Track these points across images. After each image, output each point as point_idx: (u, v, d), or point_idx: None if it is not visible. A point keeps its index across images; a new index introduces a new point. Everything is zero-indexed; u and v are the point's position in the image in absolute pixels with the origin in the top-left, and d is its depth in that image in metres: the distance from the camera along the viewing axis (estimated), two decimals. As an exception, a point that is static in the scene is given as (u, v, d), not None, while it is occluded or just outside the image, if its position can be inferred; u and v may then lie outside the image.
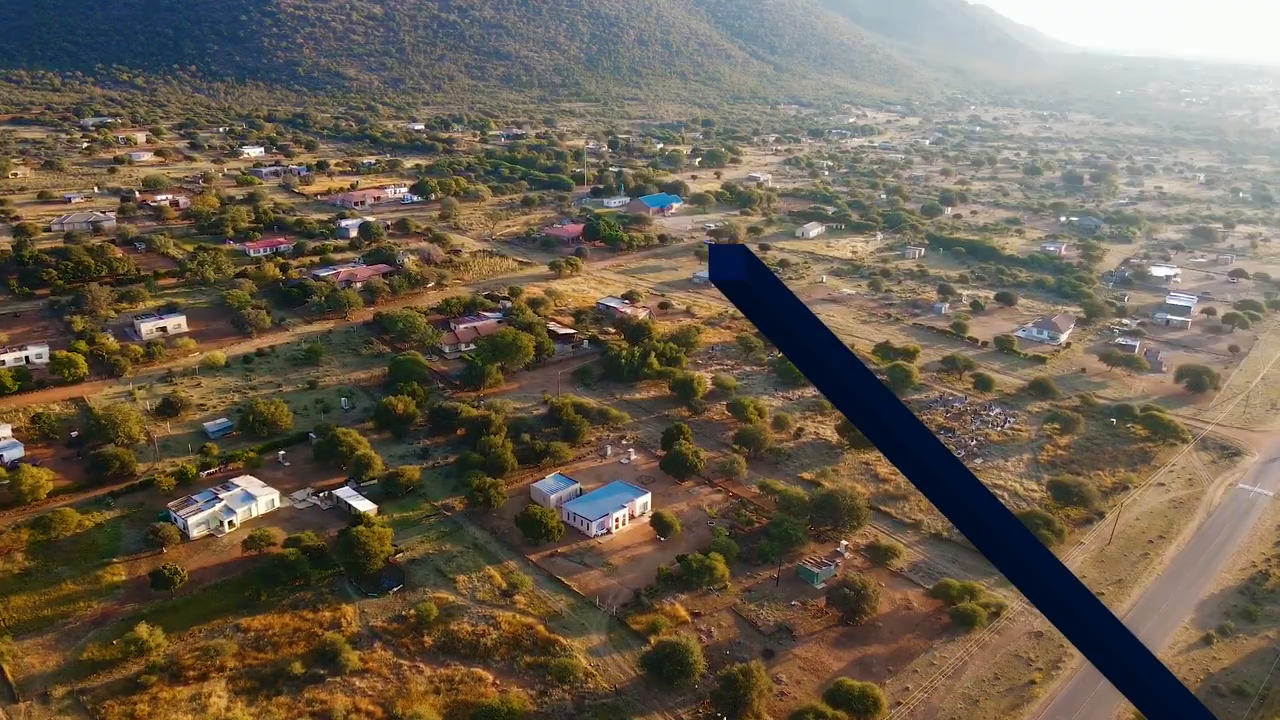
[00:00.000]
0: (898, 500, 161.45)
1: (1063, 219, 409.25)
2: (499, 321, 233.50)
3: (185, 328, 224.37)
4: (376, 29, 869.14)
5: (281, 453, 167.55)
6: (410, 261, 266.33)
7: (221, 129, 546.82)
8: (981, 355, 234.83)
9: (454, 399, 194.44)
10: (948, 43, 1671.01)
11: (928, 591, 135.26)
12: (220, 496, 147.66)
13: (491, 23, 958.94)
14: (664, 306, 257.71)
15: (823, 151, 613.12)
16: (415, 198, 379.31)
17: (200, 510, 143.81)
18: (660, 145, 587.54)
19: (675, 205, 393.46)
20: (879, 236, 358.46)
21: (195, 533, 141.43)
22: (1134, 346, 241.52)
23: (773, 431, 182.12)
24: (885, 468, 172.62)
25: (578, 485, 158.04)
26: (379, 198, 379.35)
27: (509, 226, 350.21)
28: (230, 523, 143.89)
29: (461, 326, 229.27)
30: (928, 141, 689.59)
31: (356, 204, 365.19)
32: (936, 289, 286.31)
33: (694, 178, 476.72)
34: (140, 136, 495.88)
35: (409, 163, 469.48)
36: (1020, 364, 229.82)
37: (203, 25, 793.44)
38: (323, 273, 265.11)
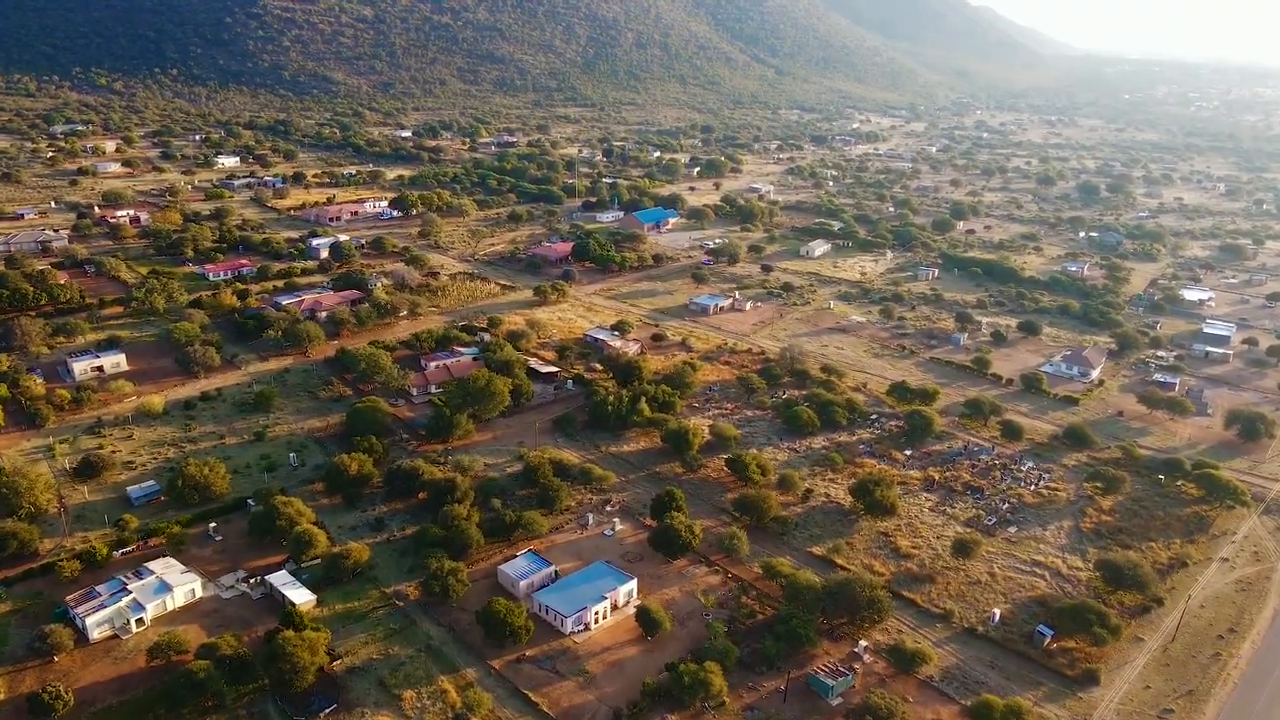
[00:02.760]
0: (923, 583, 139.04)
1: (1082, 234, 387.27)
2: (475, 358, 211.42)
3: (125, 366, 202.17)
4: (366, 31, 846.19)
5: (212, 525, 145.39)
6: (380, 289, 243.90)
7: (197, 137, 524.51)
8: (1007, 395, 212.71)
9: (419, 452, 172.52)
10: (950, 44, 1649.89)
11: (964, 709, 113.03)
12: (130, 587, 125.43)
13: (485, 25, 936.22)
14: (657, 339, 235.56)
15: (826, 160, 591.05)
16: (395, 213, 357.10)
17: (103, 606, 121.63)
18: (657, 154, 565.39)
19: (671, 220, 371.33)
20: (889, 255, 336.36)
21: (96, 634, 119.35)
22: (1174, 384, 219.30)
23: (777, 494, 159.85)
24: (906, 539, 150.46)
25: (553, 567, 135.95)
26: (356, 212, 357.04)
27: (493, 245, 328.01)
28: (139, 620, 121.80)
29: (432, 365, 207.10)
30: (934, 148, 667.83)
31: (331, 220, 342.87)
32: (954, 316, 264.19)
33: (692, 189, 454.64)
34: (110, 145, 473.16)
35: (392, 173, 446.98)
36: (1051, 406, 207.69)
37: (185, 27, 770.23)
38: (285, 300, 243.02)
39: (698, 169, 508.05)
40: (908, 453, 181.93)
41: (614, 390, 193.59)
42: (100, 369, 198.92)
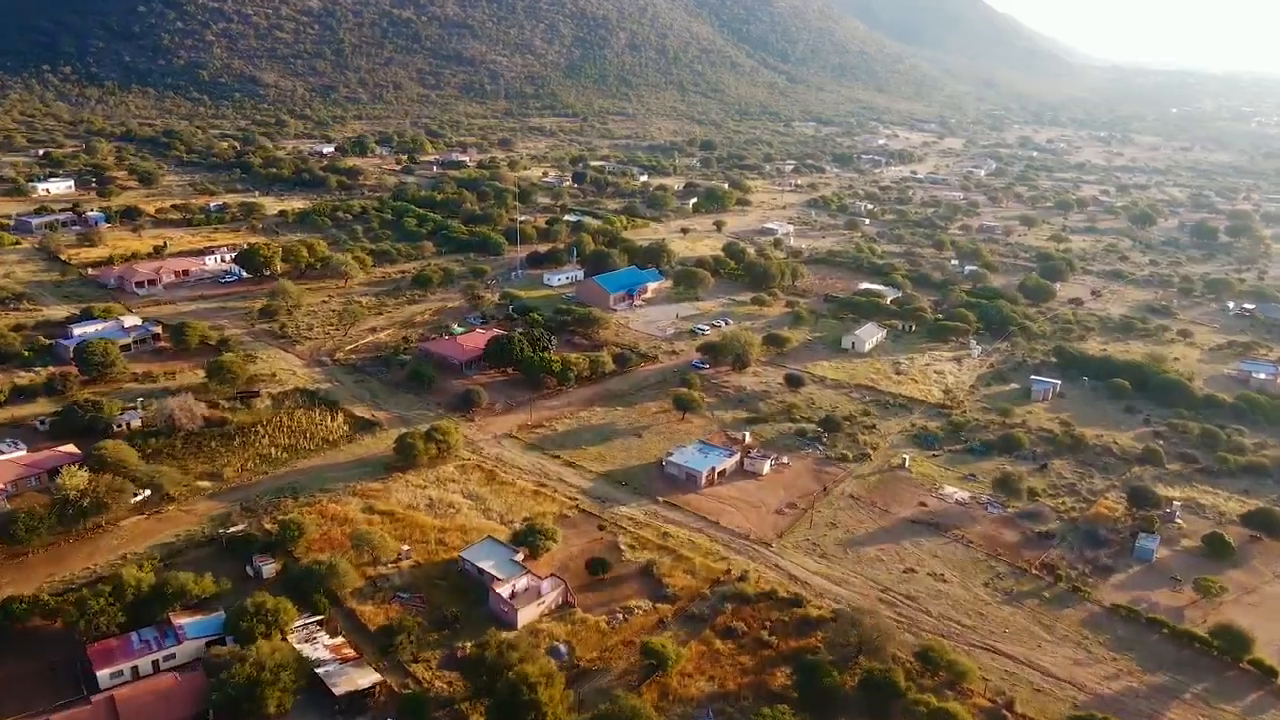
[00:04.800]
0: None
1: (1230, 304, 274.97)
2: (207, 645, 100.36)
3: None
4: (310, 26, 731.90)
5: None
6: (72, 478, 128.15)
7: (39, 152, 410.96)
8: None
9: None
10: (973, 51, 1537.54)
11: None
12: None
13: (455, 22, 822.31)
14: (596, 568, 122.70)
15: (855, 186, 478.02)
16: (241, 273, 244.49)
17: None
18: (643, 178, 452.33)
19: (652, 286, 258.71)
20: (975, 348, 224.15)
21: None
22: None
23: None
24: None
25: None
26: (186, 272, 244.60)
27: (375, 330, 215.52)
28: None
29: (105, 675, 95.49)
30: (982, 172, 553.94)
31: (140, 285, 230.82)
32: (1125, 492, 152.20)
33: (684, 231, 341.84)
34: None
35: (279, 206, 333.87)
36: None
37: (89, 19, 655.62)
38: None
39: (694, 200, 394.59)
40: None
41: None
42: None
